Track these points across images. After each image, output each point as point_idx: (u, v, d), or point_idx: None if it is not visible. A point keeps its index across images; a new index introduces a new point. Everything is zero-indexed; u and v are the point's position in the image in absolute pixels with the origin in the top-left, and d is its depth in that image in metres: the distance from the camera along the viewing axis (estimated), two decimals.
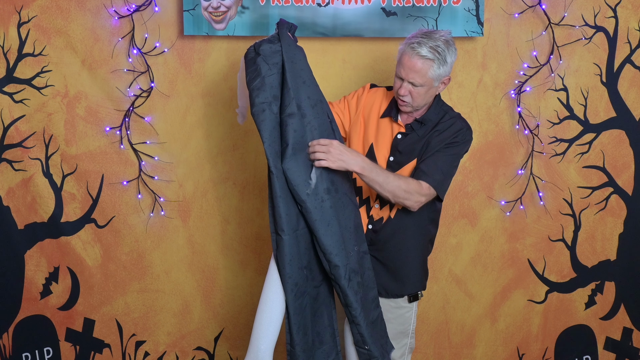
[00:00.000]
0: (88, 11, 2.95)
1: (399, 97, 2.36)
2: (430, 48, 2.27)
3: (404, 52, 2.31)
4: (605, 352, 3.29)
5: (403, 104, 2.37)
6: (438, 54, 2.28)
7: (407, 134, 2.42)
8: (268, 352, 2.38)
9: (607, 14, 3.04)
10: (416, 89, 2.32)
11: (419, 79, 2.29)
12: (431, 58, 2.27)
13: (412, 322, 2.56)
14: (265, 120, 2.26)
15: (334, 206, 2.30)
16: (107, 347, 3.19)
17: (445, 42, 2.30)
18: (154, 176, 3.07)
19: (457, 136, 2.41)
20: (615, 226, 3.22)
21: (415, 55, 2.27)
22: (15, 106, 2.99)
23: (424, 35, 2.30)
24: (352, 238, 2.36)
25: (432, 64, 2.28)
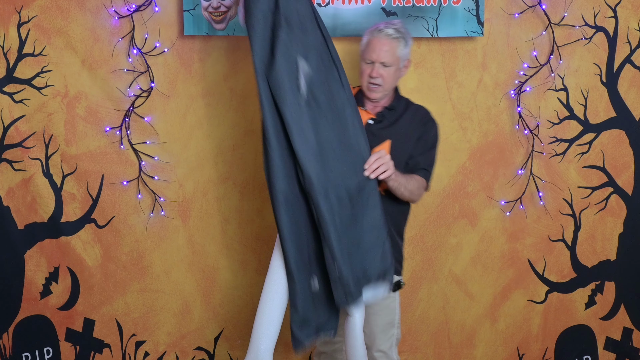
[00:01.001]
0: (88, 11, 2.95)
1: (371, 82, 2.53)
2: (395, 29, 2.53)
3: (371, 38, 2.53)
4: (605, 352, 3.29)
5: (374, 88, 2.54)
6: (402, 33, 2.54)
7: (379, 120, 2.59)
8: (268, 352, 2.38)
9: (607, 14, 3.05)
10: (387, 70, 2.52)
11: (390, 58, 2.51)
12: (397, 37, 2.52)
13: (397, 313, 2.65)
14: (257, 32, 2.34)
15: (313, 118, 2.34)
16: (107, 347, 3.19)
17: (403, 26, 2.58)
18: (154, 176, 3.07)
19: (431, 124, 2.63)
20: (615, 226, 3.22)
21: (384, 36, 2.51)
22: (15, 106, 2.99)
23: (383, 23, 2.56)
24: (338, 155, 2.35)
25: (399, 43, 2.53)
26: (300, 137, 2.31)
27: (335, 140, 2.37)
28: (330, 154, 2.35)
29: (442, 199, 3.16)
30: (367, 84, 2.54)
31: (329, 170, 2.34)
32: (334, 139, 2.37)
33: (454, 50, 3.05)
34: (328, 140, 2.36)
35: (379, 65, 2.51)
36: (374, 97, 2.57)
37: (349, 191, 2.37)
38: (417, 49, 3.05)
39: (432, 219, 3.17)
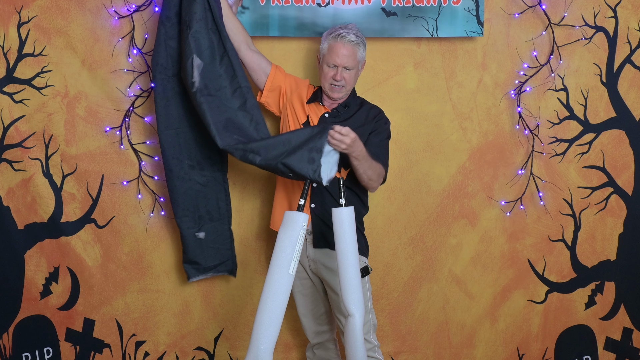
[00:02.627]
0: (88, 11, 2.95)
1: (334, 84, 2.69)
2: (355, 35, 2.67)
3: (333, 43, 2.67)
4: (605, 352, 3.29)
5: (337, 89, 2.70)
6: (360, 38, 2.69)
7: (333, 115, 2.75)
8: (268, 352, 2.38)
9: (607, 14, 3.05)
10: (349, 73, 2.68)
11: (352, 62, 2.67)
12: (358, 42, 2.67)
13: (369, 298, 2.76)
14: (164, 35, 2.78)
15: (207, 104, 2.69)
16: (107, 347, 3.19)
17: (358, 30, 2.72)
18: (154, 176, 3.07)
19: (384, 120, 2.78)
20: (615, 226, 3.22)
21: (347, 42, 2.65)
22: (15, 106, 2.99)
23: (342, 28, 2.69)
24: (229, 131, 2.68)
25: (359, 47, 2.68)
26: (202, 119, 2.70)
27: (225, 123, 2.70)
28: (221, 130, 2.68)
29: (442, 199, 3.16)
30: (330, 85, 2.70)
31: (229, 135, 2.68)
32: (223, 121, 2.70)
33: (454, 50, 3.05)
34: (219, 121, 2.69)
35: (342, 69, 2.66)
36: (337, 97, 2.73)
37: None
38: (417, 49, 3.05)
39: (432, 219, 3.17)
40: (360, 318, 2.45)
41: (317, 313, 2.89)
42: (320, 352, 2.92)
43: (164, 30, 2.76)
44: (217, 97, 2.71)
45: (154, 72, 2.80)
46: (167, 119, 2.83)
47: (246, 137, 2.69)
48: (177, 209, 2.91)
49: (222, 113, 2.70)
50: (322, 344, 2.92)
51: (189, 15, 2.67)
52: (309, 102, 2.79)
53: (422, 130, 3.11)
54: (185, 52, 2.68)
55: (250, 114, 2.75)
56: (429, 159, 3.12)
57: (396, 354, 3.24)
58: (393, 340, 3.22)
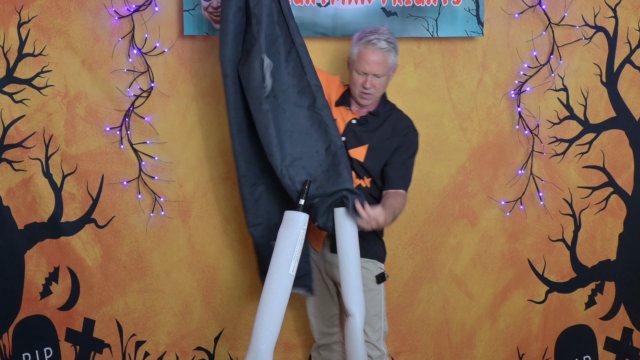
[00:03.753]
0: (88, 11, 2.95)
1: (363, 92, 2.60)
2: (386, 41, 2.56)
3: (363, 50, 2.57)
4: (605, 352, 3.29)
5: (366, 96, 2.62)
6: (392, 44, 2.59)
7: (361, 123, 2.68)
8: (268, 352, 2.38)
9: (607, 14, 3.05)
10: (379, 80, 2.59)
11: (382, 69, 2.57)
12: (389, 49, 2.57)
13: (383, 305, 2.73)
14: (229, 29, 2.58)
15: (273, 110, 2.53)
16: (107, 347, 3.19)
17: (391, 34, 2.62)
18: (154, 176, 3.07)
19: (413, 134, 2.71)
20: (615, 226, 3.22)
21: (377, 50, 2.55)
22: (15, 106, 2.99)
23: (373, 32, 2.59)
24: (295, 142, 2.54)
25: (390, 54, 2.58)
26: (261, 128, 2.54)
27: (291, 129, 2.55)
28: (286, 141, 2.54)
29: (442, 199, 3.16)
30: (360, 93, 2.62)
31: (285, 154, 2.54)
32: (296, 125, 2.56)
33: (454, 50, 3.05)
34: (288, 128, 2.54)
35: (372, 77, 2.58)
36: (366, 104, 2.66)
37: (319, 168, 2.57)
38: (417, 49, 3.05)
39: (432, 219, 3.17)
40: (360, 318, 2.45)
41: (327, 315, 2.86)
42: (325, 353, 2.90)
43: (233, 21, 2.56)
44: (283, 99, 2.55)
45: (224, 68, 2.60)
46: (238, 121, 2.66)
47: (310, 149, 2.55)
48: (250, 216, 2.73)
49: (288, 119, 2.54)
50: (328, 345, 2.90)
51: (258, 8, 2.50)
52: (337, 104, 2.71)
53: (422, 130, 3.10)
54: (254, 51, 2.52)
55: (320, 114, 2.56)
56: (429, 159, 3.12)
57: (396, 354, 3.24)
58: (393, 340, 3.22)
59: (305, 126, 2.56)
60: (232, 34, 2.57)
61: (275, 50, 2.54)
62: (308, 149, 2.56)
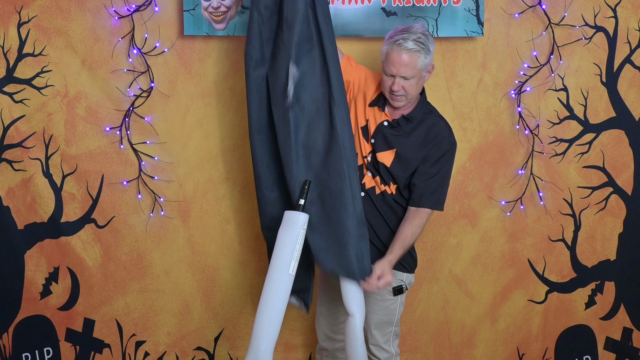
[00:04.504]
0: (88, 11, 2.95)
1: (392, 94, 2.50)
2: (414, 41, 2.44)
3: (390, 50, 2.47)
4: (605, 352, 3.29)
5: (397, 98, 2.51)
6: (422, 44, 2.46)
7: (392, 126, 2.58)
8: (268, 352, 2.38)
9: (607, 14, 3.05)
10: (408, 82, 2.48)
11: (410, 71, 2.45)
12: (417, 50, 2.44)
13: (398, 313, 2.70)
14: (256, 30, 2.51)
15: (295, 120, 2.46)
16: (107, 347, 3.19)
17: (423, 33, 2.49)
18: (154, 176, 3.07)
19: (446, 144, 2.56)
20: (615, 226, 3.22)
21: (404, 50, 2.43)
22: (15, 106, 2.99)
23: (403, 32, 2.47)
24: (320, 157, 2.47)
25: (419, 55, 2.45)
26: (281, 136, 2.48)
27: (317, 142, 2.48)
28: (313, 155, 2.48)
29: None
30: (389, 95, 2.52)
31: (308, 168, 2.48)
32: (316, 140, 2.48)
33: (454, 50, 3.05)
34: (308, 143, 2.48)
35: (400, 79, 2.47)
36: (398, 105, 2.55)
37: (327, 190, 2.49)
38: None
39: (432, 219, 3.16)
40: (360, 318, 2.45)
41: (336, 320, 2.81)
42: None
43: (258, 19, 2.49)
44: (308, 111, 2.47)
45: (247, 66, 2.53)
46: (259, 122, 2.59)
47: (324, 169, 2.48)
48: (265, 219, 2.70)
49: (309, 133, 2.47)
50: (331, 352, 2.86)
51: (291, 12, 2.41)
52: (371, 104, 2.61)
53: None
54: (281, 57, 2.44)
55: (338, 134, 2.44)
56: None
57: None
58: None
59: (325, 144, 2.47)
60: (256, 32, 2.49)
61: (305, 60, 2.44)
62: (322, 169, 2.48)
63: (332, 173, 2.47)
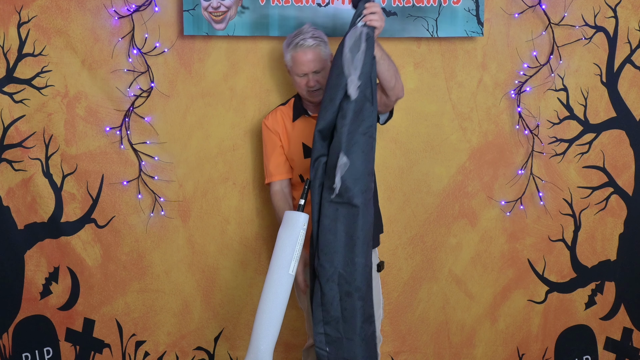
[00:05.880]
0: (88, 11, 2.95)
1: (310, 90, 2.67)
2: (311, 38, 2.63)
3: (294, 54, 2.64)
4: (605, 352, 3.29)
5: (316, 94, 2.68)
6: (319, 37, 2.65)
7: None
8: (268, 352, 2.38)
9: (607, 14, 3.05)
10: (319, 75, 2.65)
11: (318, 64, 2.64)
12: (317, 43, 2.64)
13: (380, 291, 2.82)
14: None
15: (345, 215, 2.41)
16: (107, 347, 3.19)
17: (314, 29, 2.68)
18: (154, 176, 3.07)
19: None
20: (615, 226, 3.22)
21: (307, 49, 2.62)
22: (15, 106, 2.99)
23: (297, 35, 2.65)
24: (354, 250, 2.42)
25: (320, 47, 2.65)
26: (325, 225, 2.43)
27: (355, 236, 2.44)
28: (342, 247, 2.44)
29: (442, 199, 3.16)
30: (307, 92, 2.69)
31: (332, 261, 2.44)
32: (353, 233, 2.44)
33: (454, 50, 3.05)
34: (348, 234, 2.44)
35: (312, 75, 2.64)
36: (318, 99, 2.68)
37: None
38: (417, 49, 3.05)
39: (432, 219, 3.17)
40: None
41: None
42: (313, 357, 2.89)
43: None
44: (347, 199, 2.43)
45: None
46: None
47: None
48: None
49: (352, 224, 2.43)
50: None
51: (346, 103, 2.38)
52: (294, 119, 2.77)
53: (422, 130, 3.11)
54: (334, 145, 2.39)
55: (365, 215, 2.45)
56: (429, 159, 3.12)
57: (396, 354, 3.24)
58: (393, 340, 3.22)
59: (361, 232, 2.44)
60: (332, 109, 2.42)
61: (356, 149, 2.40)
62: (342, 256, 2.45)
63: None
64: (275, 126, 2.80)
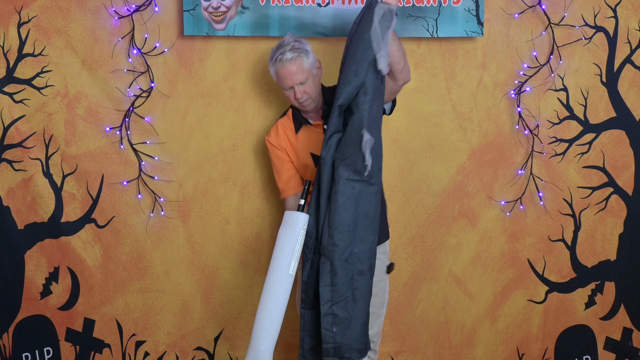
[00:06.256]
0: (88, 11, 2.95)
1: (299, 102, 2.67)
2: (290, 51, 2.61)
3: (276, 69, 2.64)
4: (605, 352, 3.29)
5: (305, 104, 2.68)
6: (298, 49, 2.63)
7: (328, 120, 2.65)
8: (268, 352, 2.38)
9: (607, 14, 3.05)
10: (305, 85, 2.64)
11: (302, 76, 2.62)
12: (297, 55, 2.61)
13: (387, 292, 2.84)
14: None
15: (361, 193, 2.42)
16: (107, 347, 3.19)
17: (295, 40, 2.65)
18: (154, 176, 3.07)
19: None
20: (615, 226, 3.22)
21: (286, 63, 2.61)
22: (15, 106, 3.00)
23: (278, 48, 2.64)
24: (369, 228, 2.44)
25: (301, 59, 2.62)
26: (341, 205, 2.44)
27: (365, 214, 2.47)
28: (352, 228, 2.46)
29: (442, 199, 3.16)
30: (298, 104, 2.69)
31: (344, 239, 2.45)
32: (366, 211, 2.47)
33: (454, 50, 3.05)
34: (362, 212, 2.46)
35: (298, 86, 2.63)
36: (310, 108, 2.70)
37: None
38: (417, 49, 3.05)
39: (432, 219, 3.17)
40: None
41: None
42: None
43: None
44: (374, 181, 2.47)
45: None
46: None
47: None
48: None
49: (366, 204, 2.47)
50: None
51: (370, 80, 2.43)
52: (297, 131, 2.77)
53: (422, 130, 3.11)
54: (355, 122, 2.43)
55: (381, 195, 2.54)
56: (429, 159, 3.12)
57: (396, 354, 3.24)
58: (393, 340, 3.22)
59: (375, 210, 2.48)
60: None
61: (375, 126, 2.45)
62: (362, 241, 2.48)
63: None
64: (279, 142, 2.78)
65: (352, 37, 2.45)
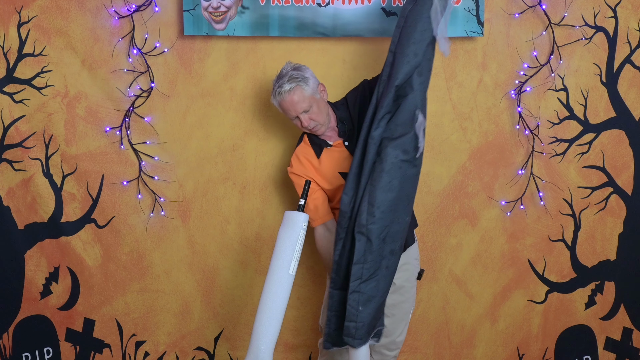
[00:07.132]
0: (88, 11, 2.95)
1: (309, 130, 2.65)
2: (288, 81, 2.59)
3: (278, 102, 2.62)
4: (605, 352, 3.29)
5: (314, 129, 2.65)
6: (295, 78, 2.59)
7: (348, 137, 2.71)
8: (268, 352, 2.38)
9: (607, 14, 3.05)
10: (311, 112, 2.61)
11: (304, 104, 2.59)
12: (295, 85, 2.58)
13: (415, 297, 2.86)
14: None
15: (406, 174, 2.43)
16: (107, 347, 3.19)
17: (293, 68, 2.63)
18: (154, 176, 3.07)
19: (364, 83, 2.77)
20: (615, 226, 3.22)
21: (286, 94, 2.58)
22: (15, 106, 3.00)
23: (277, 80, 2.62)
24: (406, 208, 2.47)
25: (300, 88, 2.59)
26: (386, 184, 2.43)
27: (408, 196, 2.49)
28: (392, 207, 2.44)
29: (442, 199, 3.16)
30: (308, 131, 2.67)
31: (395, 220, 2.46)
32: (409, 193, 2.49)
33: (454, 50, 3.05)
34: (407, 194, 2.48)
35: (303, 115, 2.61)
36: (321, 132, 2.68)
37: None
38: None
39: (432, 219, 3.17)
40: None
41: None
42: (337, 356, 2.87)
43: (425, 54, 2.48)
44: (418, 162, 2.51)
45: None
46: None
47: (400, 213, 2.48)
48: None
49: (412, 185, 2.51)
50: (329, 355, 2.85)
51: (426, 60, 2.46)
52: (319, 156, 2.73)
53: None
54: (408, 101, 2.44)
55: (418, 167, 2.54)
56: (429, 159, 3.12)
57: None
58: None
59: (414, 192, 2.52)
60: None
61: (425, 108, 2.48)
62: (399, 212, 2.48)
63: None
64: (305, 171, 2.73)
65: (407, 16, 2.44)
